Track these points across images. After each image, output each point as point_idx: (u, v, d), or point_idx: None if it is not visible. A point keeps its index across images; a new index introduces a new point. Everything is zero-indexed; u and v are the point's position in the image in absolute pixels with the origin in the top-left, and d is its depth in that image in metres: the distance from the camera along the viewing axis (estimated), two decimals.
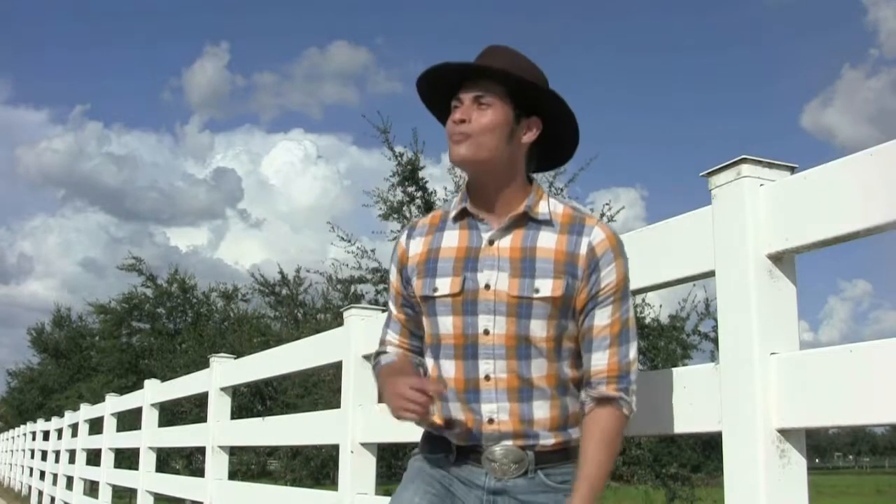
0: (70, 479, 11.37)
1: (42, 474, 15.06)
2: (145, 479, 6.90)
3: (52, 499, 13.05)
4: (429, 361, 1.87)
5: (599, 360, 1.75)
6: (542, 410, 1.77)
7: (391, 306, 1.99)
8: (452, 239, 1.85)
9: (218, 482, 5.03)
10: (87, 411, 10.72)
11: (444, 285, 1.80)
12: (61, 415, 13.59)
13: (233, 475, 6.32)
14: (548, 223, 1.80)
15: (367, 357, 3.28)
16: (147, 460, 6.97)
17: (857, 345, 1.51)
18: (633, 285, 2.06)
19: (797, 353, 1.64)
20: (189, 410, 16.22)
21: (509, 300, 1.75)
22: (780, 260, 1.68)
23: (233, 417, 5.36)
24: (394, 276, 1.95)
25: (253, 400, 18.93)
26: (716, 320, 1.92)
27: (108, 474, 8.74)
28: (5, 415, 34.08)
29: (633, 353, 1.78)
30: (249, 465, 17.03)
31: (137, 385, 11.36)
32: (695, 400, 1.80)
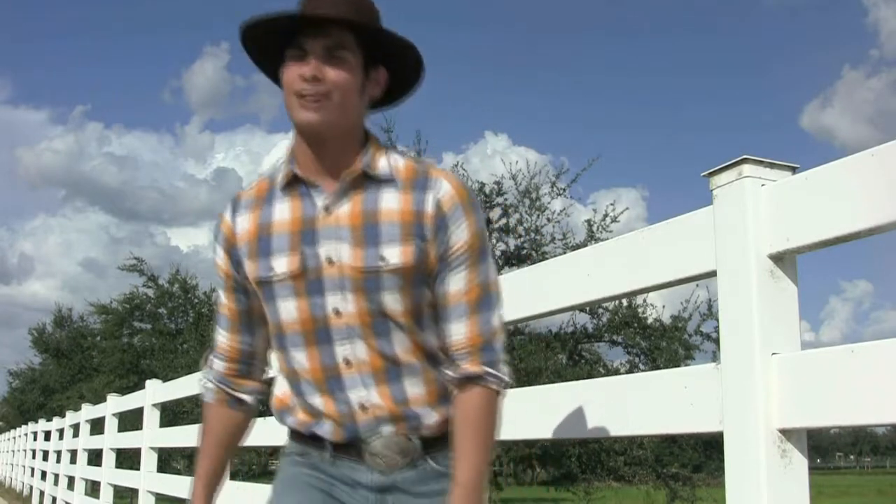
0: (71, 480, 11.39)
1: (43, 474, 15.07)
2: (147, 479, 6.90)
3: (54, 499, 13.06)
4: (275, 355, 1.68)
5: (458, 332, 1.58)
6: (415, 387, 1.60)
7: (221, 295, 1.73)
8: (284, 211, 1.61)
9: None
10: (88, 411, 10.73)
11: (281, 264, 1.58)
12: (62, 415, 13.60)
13: (234, 475, 6.33)
14: (389, 181, 1.59)
15: None
16: (148, 460, 6.98)
17: (859, 345, 1.51)
18: (634, 286, 2.07)
19: (798, 354, 1.64)
20: (190, 410, 16.21)
21: (354, 274, 1.55)
22: (782, 260, 1.68)
23: None
24: (220, 259, 1.69)
25: None
26: (718, 321, 1.90)
27: (110, 474, 8.75)
28: (7, 415, 34.13)
29: (496, 320, 1.61)
30: (251, 464, 17.05)
31: (139, 385, 11.36)
32: (696, 400, 1.80)
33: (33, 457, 17.14)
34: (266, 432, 4.80)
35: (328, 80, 1.52)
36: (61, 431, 13.13)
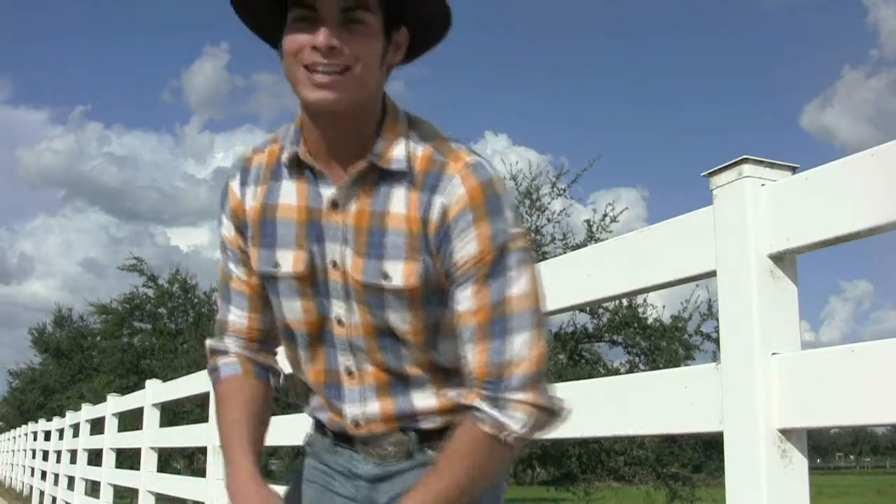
0: (71, 480, 11.38)
1: (43, 474, 15.07)
2: (147, 479, 6.90)
3: (54, 499, 13.06)
4: (283, 344, 1.49)
5: (468, 359, 1.31)
6: (425, 401, 1.40)
7: (230, 269, 1.47)
8: (290, 194, 1.38)
9: (220, 482, 5.03)
10: (88, 411, 10.73)
11: (286, 260, 1.38)
12: (62, 415, 13.60)
13: None
14: (403, 175, 1.32)
15: None
16: (148, 460, 6.98)
17: (859, 345, 1.51)
18: (634, 285, 2.07)
19: (798, 354, 1.64)
20: (191, 410, 16.22)
21: (356, 285, 1.34)
22: (782, 260, 1.68)
23: None
24: (229, 231, 1.45)
25: None
26: (718, 321, 1.89)
27: (110, 474, 8.75)
28: (7, 415, 34.12)
29: (516, 347, 1.28)
30: None
31: (139, 385, 11.35)
32: (696, 400, 1.80)
33: (33, 457, 17.13)
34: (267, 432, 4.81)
35: (347, 51, 1.25)
36: (61, 431, 13.12)
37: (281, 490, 1.47)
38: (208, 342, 1.54)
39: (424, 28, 1.35)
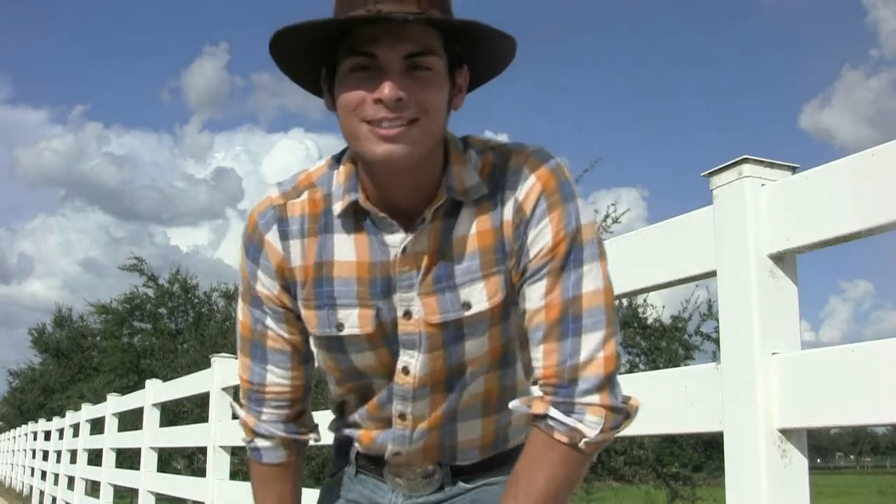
0: (71, 479, 11.38)
1: (43, 474, 15.07)
2: (147, 479, 6.90)
3: (54, 499, 13.06)
4: (330, 383, 1.41)
5: (537, 362, 1.23)
6: (470, 433, 1.34)
7: (268, 326, 1.33)
8: (347, 249, 1.27)
9: (219, 482, 5.03)
10: (88, 411, 10.73)
11: (352, 323, 1.27)
12: (62, 415, 13.60)
13: (234, 475, 6.32)
14: (472, 196, 1.25)
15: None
16: (148, 460, 6.98)
17: (859, 345, 1.52)
18: (634, 285, 2.07)
19: (798, 353, 1.64)
20: (190, 410, 16.20)
21: (431, 330, 1.26)
22: (782, 260, 1.68)
23: (234, 417, 5.36)
24: (272, 289, 1.31)
25: None
26: (718, 321, 1.89)
27: (110, 474, 8.75)
28: (7, 415, 34.09)
29: (589, 347, 1.20)
30: None
31: (139, 385, 11.35)
32: (696, 400, 1.80)
33: (33, 457, 17.13)
34: None
35: (414, 102, 1.15)
36: (61, 431, 13.13)
37: None
38: (242, 415, 1.40)
39: (486, 65, 1.26)
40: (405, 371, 1.29)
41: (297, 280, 1.29)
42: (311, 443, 1.44)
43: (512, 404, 1.27)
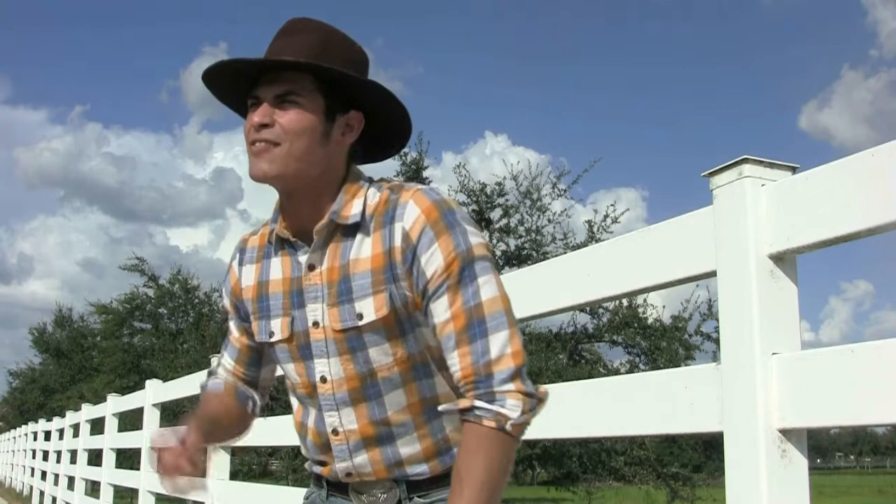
0: (71, 480, 11.39)
1: (43, 474, 15.08)
2: (147, 479, 6.91)
3: (54, 499, 13.07)
4: (293, 401, 1.65)
5: (454, 366, 1.41)
6: (410, 447, 1.51)
7: (230, 326, 1.71)
8: (277, 269, 1.55)
9: (219, 482, 5.03)
10: (88, 411, 10.73)
11: (277, 328, 1.54)
12: (63, 415, 13.61)
13: (234, 475, 6.33)
14: (362, 225, 1.47)
15: None
16: (148, 460, 6.98)
17: (859, 345, 1.51)
18: (634, 285, 2.07)
19: (798, 354, 1.64)
20: (191, 410, 16.22)
21: (336, 336, 1.47)
22: (782, 260, 1.68)
23: None
24: (229, 303, 1.67)
25: None
26: (718, 321, 1.89)
27: (110, 474, 8.76)
28: (7, 415, 34.13)
29: (496, 346, 1.38)
30: (251, 465, 17.01)
31: (139, 385, 11.36)
32: (696, 400, 1.80)
33: (33, 457, 17.14)
34: (266, 432, 4.81)
35: (275, 126, 1.42)
36: (61, 431, 13.13)
37: (283, 490, 1.53)
38: (207, 370, 1.73)
39: (387, 119, 1.52)
40: (323, 380, 1.50)
41: (247, 297, 1.60)
42: (251, 404, 1.72)
43: (441, 407, 1.44)
